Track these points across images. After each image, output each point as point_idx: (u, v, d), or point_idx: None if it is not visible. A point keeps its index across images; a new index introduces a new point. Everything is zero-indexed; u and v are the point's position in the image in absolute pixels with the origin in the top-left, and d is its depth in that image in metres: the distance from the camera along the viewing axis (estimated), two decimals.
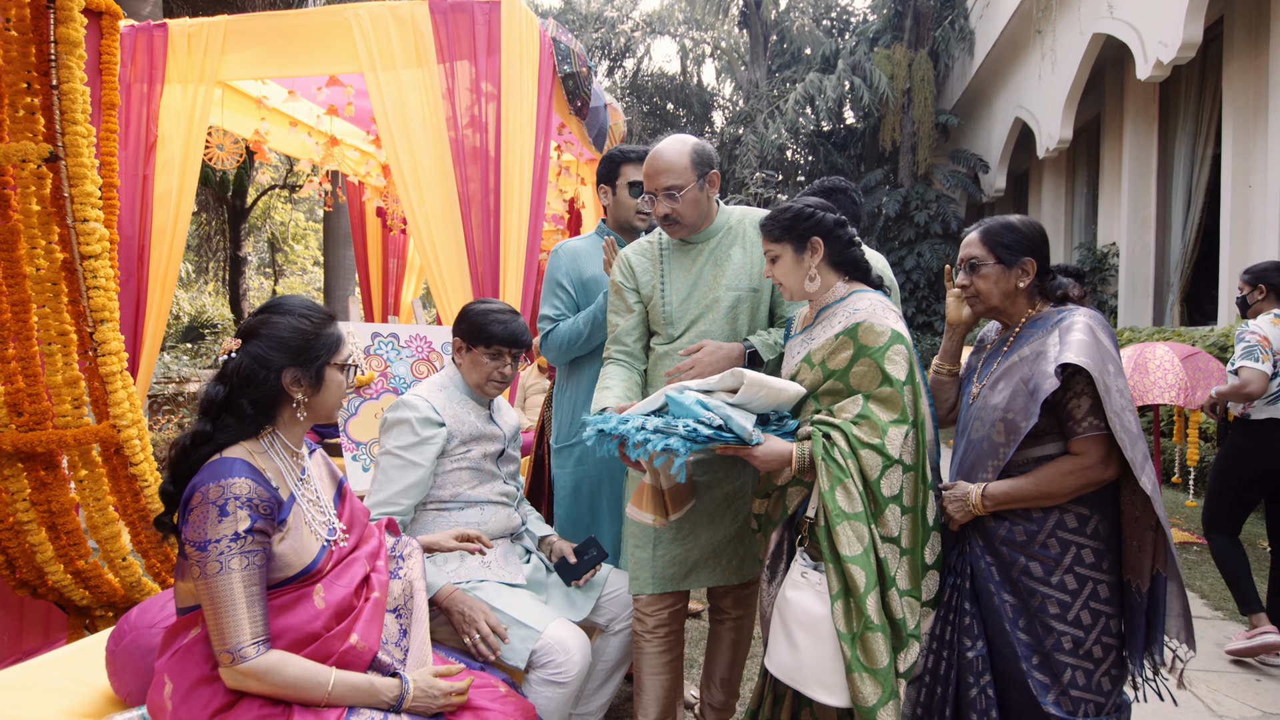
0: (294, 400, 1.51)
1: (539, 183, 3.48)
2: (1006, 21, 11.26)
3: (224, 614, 1.34)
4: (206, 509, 1.35)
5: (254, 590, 1.37)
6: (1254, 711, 2.75)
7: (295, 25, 3.54)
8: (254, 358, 1.46)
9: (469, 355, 2.17)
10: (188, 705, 1.38)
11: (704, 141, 2.12)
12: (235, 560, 1.35)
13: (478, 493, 2.14)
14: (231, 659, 1.35)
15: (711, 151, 2.13)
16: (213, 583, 1.34)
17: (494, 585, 2.04)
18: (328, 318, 1.56)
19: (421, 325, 3.45)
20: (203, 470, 1.40)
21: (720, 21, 19.50)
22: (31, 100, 2.21)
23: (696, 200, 2.09)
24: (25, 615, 2.63)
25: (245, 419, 1.46)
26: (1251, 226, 7.27)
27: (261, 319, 1.51)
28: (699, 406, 1.70)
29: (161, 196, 3.60)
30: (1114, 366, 1.66)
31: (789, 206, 1.91)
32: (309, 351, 1.50)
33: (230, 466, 1.40)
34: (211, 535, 1.34)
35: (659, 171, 2.06)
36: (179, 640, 1.44)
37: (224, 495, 1.36)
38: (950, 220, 13.32)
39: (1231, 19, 7.54)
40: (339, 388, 1.57)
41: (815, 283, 1.90)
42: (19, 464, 2.28)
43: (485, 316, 2.15)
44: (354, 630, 1.50)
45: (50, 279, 2.24)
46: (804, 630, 1.68)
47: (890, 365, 1.74)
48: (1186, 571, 4.31)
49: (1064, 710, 1.67)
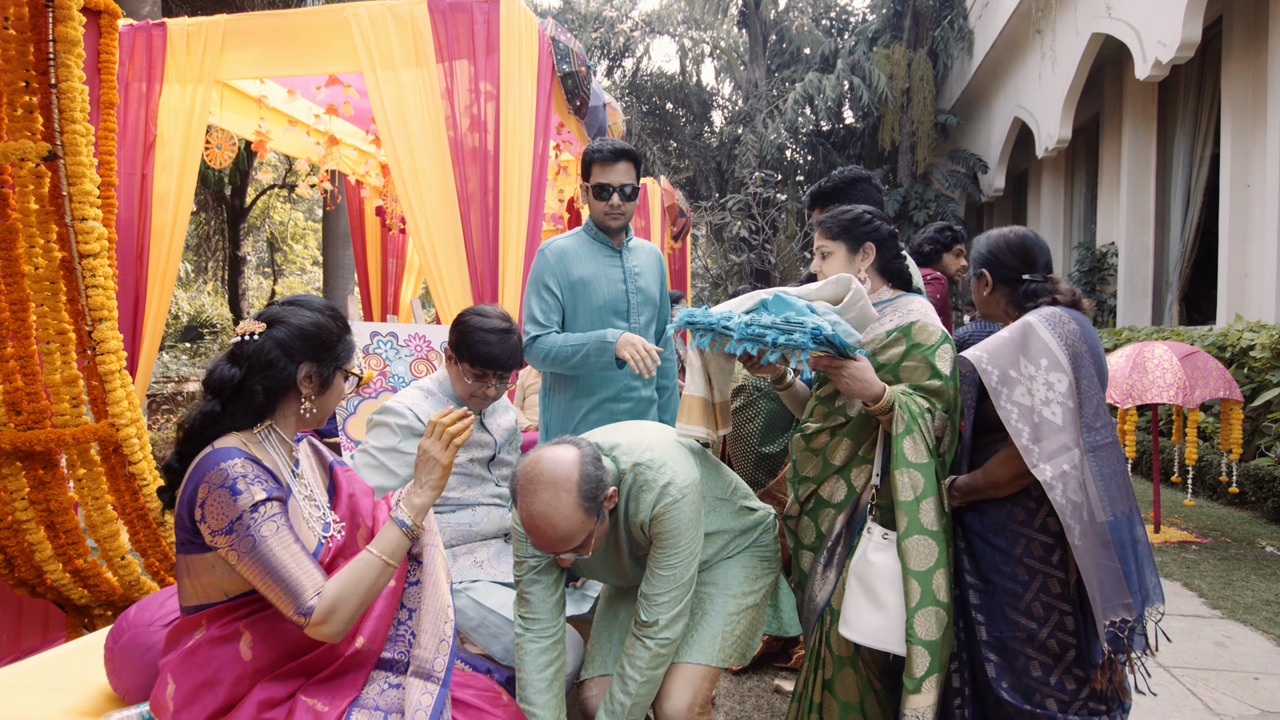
0: (301, 395, 1.51)
1: (538, 182, 3.48)
2: (1005, 21, 11.27)
3: (277, 583, 1.34)
4: (218, 495, 1.34)
5: (294, 549, 1.37)
6: (1253, 710, 2.76)
7: (294, 25, 3.54)
8: (277, 342, 1.45)
9: (456, 368, 2.12)
10: (189, 708, 1.38)
11: (579, 468, 1.62)
12: (264, 527, 1.35)
13: (468, 495, 2.14)
14: (305, 621, 1.35)
15: (593, 475, 1.63)
16: (253, 558, 1.34)
17: (486, 585, 2.04)
18: (347, 325, 1.59)
19: (420, 324, 3.45)
20: (197, 465, 1.39)
21: (719, 21, 19.50)
22: (30, 99, 2.21)
23: (603, 533, 1.72)
24: (24, 614, 2.63)
25: (254, 406, 1.45)
26: (1250, 226, 7.27)
27: (288, 309, 1.51)
28: (809, 311, 1.76)
29: (160, 196, 3.60)
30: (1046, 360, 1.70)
31: (851, 209, 2.02)
32: (329, 351, 1.52)
33: (225, 453, 1.39)
34: (232, 515, 1.34)
35: (555, 543, 1.61)
36: (184, 641, 1.43)
37: (228, 476, 1.35)
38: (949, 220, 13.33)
39: (1230, 19, 7.55)
40: (339, 394, 1.59)
41: (865, 285, 1.99)
42: (18, 463, 2.28)
43: (475, 334, 2.05)
44: (360, 633, 1.50)
45: (49, 278, 2.24)
46: (891, 588, 1.74)
47: (940, 361, 1.86)
48: (1185, 571, 4.31)
49: (1018, 698, 1.70)
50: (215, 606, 1.43)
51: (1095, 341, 1.77)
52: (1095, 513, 1.65)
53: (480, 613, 1.97)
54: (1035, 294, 1.85)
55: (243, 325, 1.48)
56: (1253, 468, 5.69)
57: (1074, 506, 1.63)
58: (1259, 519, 5.55)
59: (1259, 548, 4.78)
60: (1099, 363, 1.75)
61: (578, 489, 1.59)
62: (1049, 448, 1.66)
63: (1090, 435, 1.69)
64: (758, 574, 2.00)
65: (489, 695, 1.63)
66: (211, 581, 1.42)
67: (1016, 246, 1.89)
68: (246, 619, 1.43)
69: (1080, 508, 1.64)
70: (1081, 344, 1.73)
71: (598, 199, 2.45)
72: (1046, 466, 1.65)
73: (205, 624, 1.42)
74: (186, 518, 1.39)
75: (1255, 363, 5.76)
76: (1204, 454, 6.26)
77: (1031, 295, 1.85)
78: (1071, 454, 1.66)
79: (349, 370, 1.59)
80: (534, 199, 3.45)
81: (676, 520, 1.70)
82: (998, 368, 1.72)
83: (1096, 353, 1.75)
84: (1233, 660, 3.16)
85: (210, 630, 1.41)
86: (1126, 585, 1.64)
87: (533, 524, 1.59)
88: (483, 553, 2.12)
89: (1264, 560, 4.52)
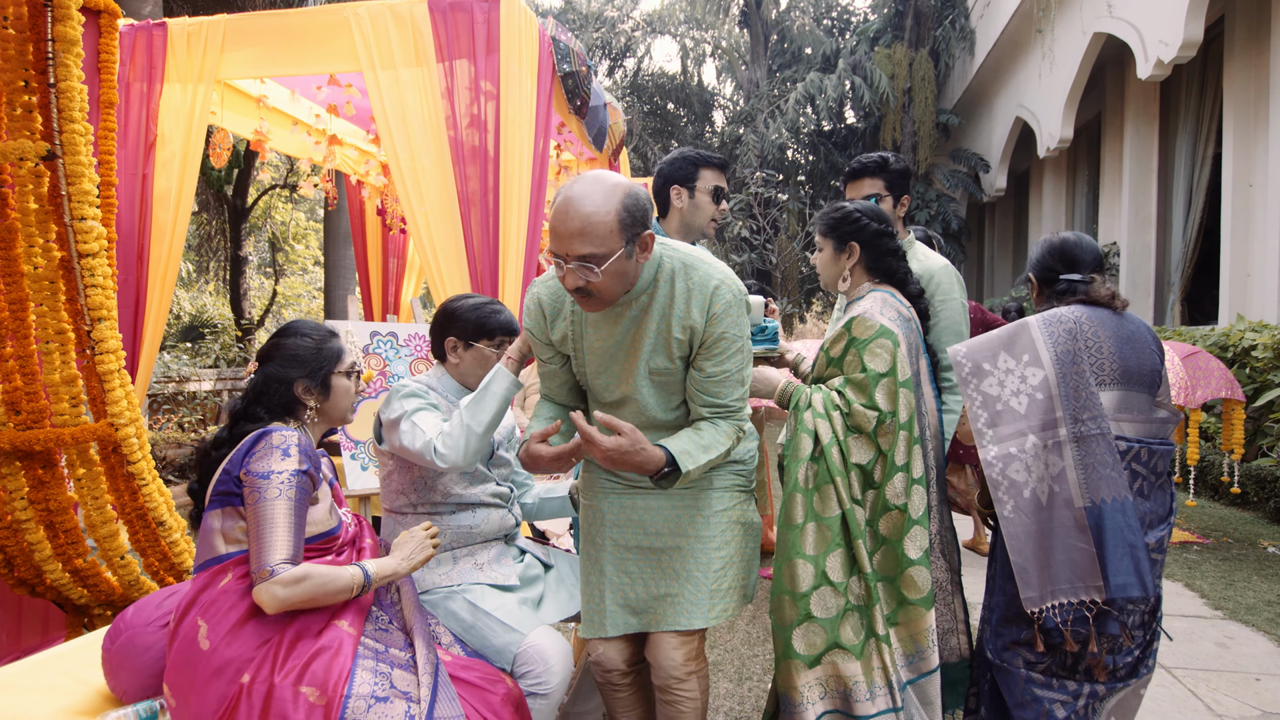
0: (307, 407, 1.76)
1: (538, 182, 3.47)
2: (1007, 21, 11.26)
3: (267, 534, 1.52)
4: (271, 449, 1.58)
5: (297, 521, 1.56)
6: (1254, 711, 2.75)
7: (294, 24, 3.54)
8: (268, 375, 1.73)
9: (469, 352, 2.14)
10: (229, 645, 1.48)
11: (636, 189, 1.62)
12: (291, 491, 1.56)
13: (470, 494, 2.13)
14: (269, 573, 1.50)
15: (645, 203, 1.62)
16: (267, 506, 1.54)
17: (483, 588, 2.04)
18: (329, 334, 1.82)
19: (420, 324, 3.46)
20: (258, 434, 1.62)
21: (721, 21, 19.50)
22: (29, 98, 2.21)
23: (621, 272, 1.62)
24: (23, 614, 2.63)
25: (260, 421, 1.70)
26: (1252, 226, 7.26)
27: (274, 343, 1.78)
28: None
29: (161, 196, 3.60)
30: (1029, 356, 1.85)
31: (841, 207, 2.13)
32: (314, 363, 1.76)
33: (280, 427, 1.64)
34: (275, 468, 1.56)
35: (573, 233, 1.56)
36: (206, 591, 1.55)
37: (286, 441, 1.60)
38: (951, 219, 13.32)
39: (1232, 18, 7.54)
40: (347, 392, 1.83)
41: (847, 283, 2.13)
42: (17, 462, 2.28)
43: (480, 311, 2.15)
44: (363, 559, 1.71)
45: (48, 277, 2.24)
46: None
47: (870, 357, 1.93)
48: (1186, 571, 4.31)
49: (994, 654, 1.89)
50: (242, 553, 1.58)
51: (1102, 339, 1.81)
52: (1073, 498, 1.76)
53: (474, 615, 1.97)
54: (1066, 293, 1.93)
55: (249, 367, 1.83)
56: (1255, 468, 5.68)
57: (1010, 484, 1.81)
58: (1261, 519, 5.54)
59: (1261, 548, 4.77)
60: (1102, 360, 1.79)
61: (623, 196, 1.58)
62: (1003, 433, 1.83)
63: (1076, 426, 1.77)
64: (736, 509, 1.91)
65: (490, 677, 1.71)
66: (242, 529, 1.58)
67: (1057, 249, 1.99)
68: None
69: (1019, 487, 1.80)
70: (1074, 342, 1.80)
71: (714, 202, 2.45)
72: (993, 447, 1.84)
73: (231, 570, 1.56)
74: (235, 469, 1.59)
75: (1257, 363, 5.75)
76: (1206, 454, 6.25)
77: (1062, 295, 1.94)
78: (1026, 439, 1.81)
79: (344, 370, 1.82)
80: (534, 199, 3.45)
81: (736, 318, 1.72)
82: (972, 361, 1.88)
83: (1099, 350, 1.80)
84: (1234, 661, 3.16)
85: (235, 577, 1.55)
86: (1101, 569, 1.72)
87: (565, 208, 1.57)
88: (483, 555, 2.12)
89: (1266, 561, 4.51)
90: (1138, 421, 1.82)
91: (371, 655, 1.57)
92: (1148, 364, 1.83)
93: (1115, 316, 1.85)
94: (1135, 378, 1.82)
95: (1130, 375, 1.80)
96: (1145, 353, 1.83)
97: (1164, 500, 1.85)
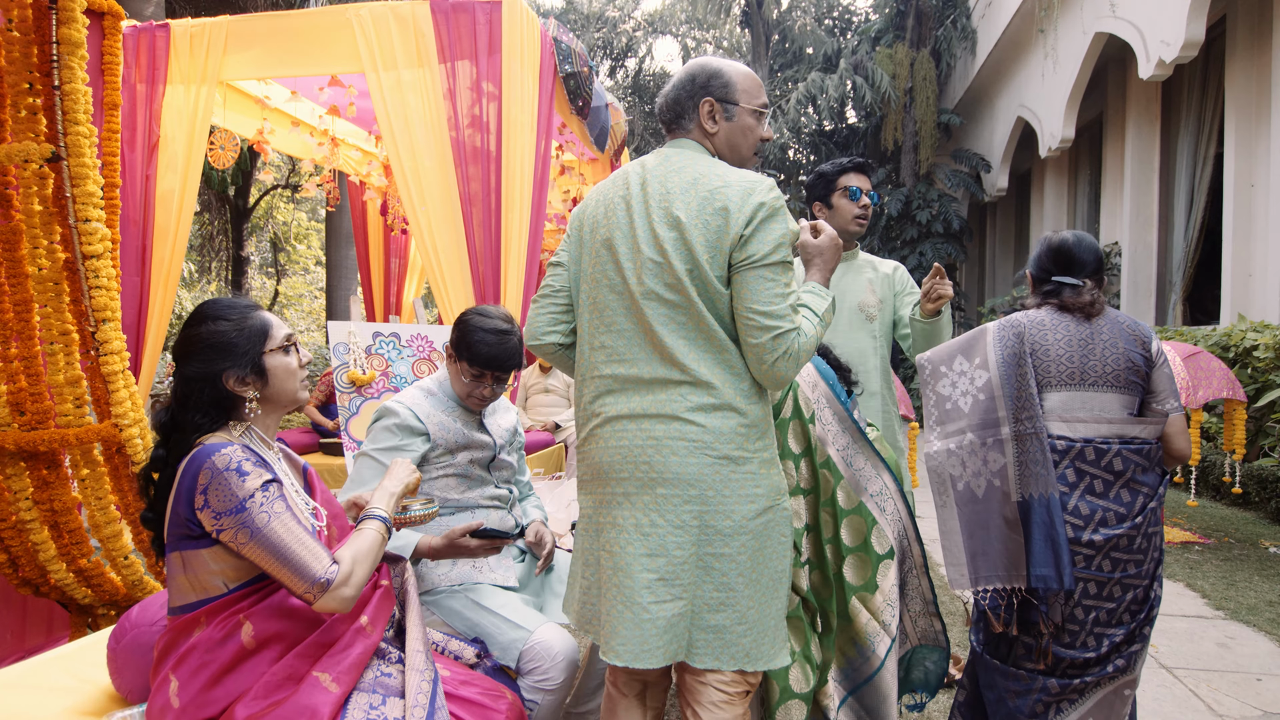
0: (245, 400, 1.50)
1: (540, 182, 3.48)
2: (1009, 21, 11.25)
3: (290, 558, 1.36)
4: (224, 477, 1.35)
5: (300, 528, 1.39)
6: (1254, 711, 2.75)
7: (297, 25, 3.55)
8: (188, 376, 1.46)
9: (454, 366, 2.12)
10: (199, 707, 1.37)
11: None
12: (276, 505, 1.37)
13: (467, 497, 2.13)
14: (323, 589, 1.36)
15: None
16: (266, 534, 1.35)
17: (486, 588, 2.04)
18: (248, 308, 1.53)
19: (423, 325, 3.46)
20: (192, 459, 1.38)
21: (722, 21, 19.49)
22: (34, 101, 2.21)
23: None
24: (28, 613, 2.64)
25: (200, 430, 1.46)
26: (1254, 226, 7.26)
27: (186, 335, 1.49)
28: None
29: (164, 196, 3.61)
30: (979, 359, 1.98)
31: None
32: (239, 348, 1.48)
33: (218, 445, 1.39)
34: (243, 495, 1.35)
35: None
36: (181, 643, 1.42)
37: (230, 460, 1.36)
38: (952, 219, 13.29)
39: (1234, 18, 7.53)
40: (289, 370, 1.54)
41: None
42: (21, 463, 2.29)
43: (474, 333, 2.06)
44: (364, 612, 1.52)
45: (52, 279, 2.25)
46: None
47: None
48: (1187, 572, 4.31)
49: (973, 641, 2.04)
50: (213, 602, 1.41)
51: (1051, 343, 1.91)
52: (1010, 492, 1.88)
53: (477, 613, 1.97)
54: (1050, 294, 2.00)
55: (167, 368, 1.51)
56: (1256, 468, 5.68)
57: (947, 477, 1.97)
58: (1262, 520, 5.54)
59: (1262, 548, 4.77)
60: (1049, 363, 1.90)
61: None
62: (949, 429, 1.99)
63: (1016, 425, 1.88)
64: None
65: (493, 693, 1.64)
66: (210, 574, 1.40)
67: (1055, 249, 2.04)
68: (247, 610, 1.42)
69: (954, 480, 1.96)
70: (1020, 345, 1.92)
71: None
72: (937, 443, 2.00)
73: (204, 621, 1.40)
74: (184, 510, 1.38)
75: (1259, 363, 5.75)
76: (1207, 454, 6.24)
77: (1047, 295, 2.01)
78: (965, 436, 1.95)
79: (278, 346, 1.53)
80: (536, 199, 3.45)
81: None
82: (932, 364, 2.04)
83: (1047, 353, 1.91)
84: (1235, 661, 3.16)
85: (209, 628, 1.40)
86: (1028, 560, 1.83)
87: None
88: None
89: (1267, 561, 4.51)
90: (1091, 421, 1.88)
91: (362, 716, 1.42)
92: (1114, 366, 1.88)
93: (1078, 321, 1.92)
94: (1094, 379, 1.89)
95: (1086, 376, 1.88)
96: (1112, 355, 1.89)
97: (1128, 500, 1.86)
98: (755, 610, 1.54)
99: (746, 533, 1.52)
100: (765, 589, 1.55)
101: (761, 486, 1.55)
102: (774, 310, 1.48)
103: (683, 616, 1.51)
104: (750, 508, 1.53)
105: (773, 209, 1.52)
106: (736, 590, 1.52)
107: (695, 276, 1.51)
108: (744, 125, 1.69)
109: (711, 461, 1.51)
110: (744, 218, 1.50)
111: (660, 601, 1.50)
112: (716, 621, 1.52)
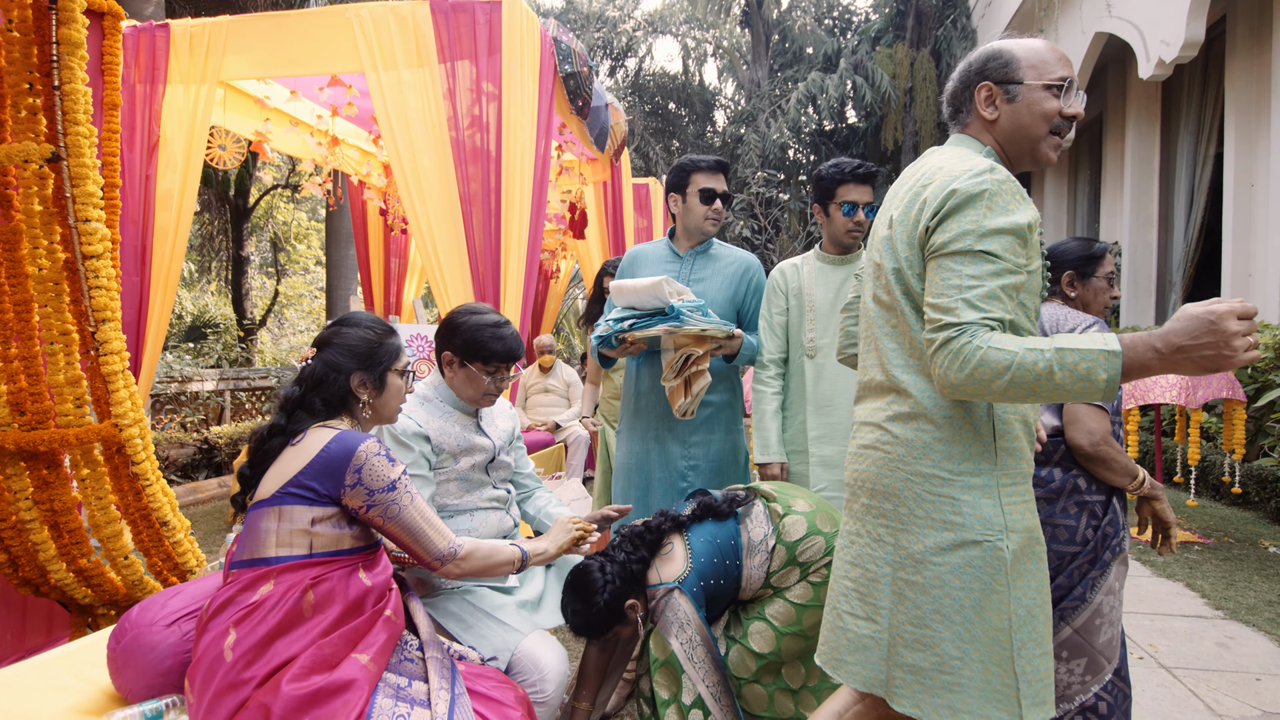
0: (360, 400, 1.72)
1: (540, 182, 3.48)
2: (1009, 20, 11.26)
3: (427, 532, 1.65)
4: (377, 459, 1.57)
5: (431, 509, 1.69)
6: (1255, 711, 2.75)
7: (296, 25, 3.55)
8: (326, 363, 1.69)
9: (463, 370, 2.10)
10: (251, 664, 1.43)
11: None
12: (413, 486, 1.64)
13: (465, 501, 2.13)
14: (452, 556, 1.69)
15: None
16: (410, 512, 1.62)
17: (483, 589, 2.05)
18: (389, 330, 1.77)
19: (423, 325, 3.46)
20: (338, 438, 1.57)
21: (722, 21, 19.49)
22: (33, 101, 2.21)
23: None
24: (28, 613, 2.64)
25: (316, 414, 1.67)
26: (1254, 225, 7.26)
27: (333, 330, 1.74)
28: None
29: (164, 196, 3.61)
30: None
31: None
32: (373, 357, 1.72)
33: (360, 435, 1.60)
34: (393, 476, 1.59)
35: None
36: (245, 596, 1.49)
37: (379, 447, 1.59)
38: None
39: (1234, 18, 7.53)
40: (399, 391, 1.78)
41: None
42: (21, 463, 2.29)
43: (482, 332, 2.07)
44: (388, 606, 1.65)
45: (52, 279, 2.25)
46: None
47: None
48: (1187, 571, 4.31)
49: None
50: (290, 561, 1.51)
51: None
52: None
53: (474, 615, 1.98)
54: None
55: (303, 353, 1.77)
56: (1256, 468, 5.68)
57: None
58: (1262, 519, 5.54)
59: (1262, 548, 4.77)
60: None
61: None
62: None
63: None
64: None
65: (503, 687, 1.69)
66: (302, 534, 1.52)
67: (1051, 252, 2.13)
68: (315, 580, 1.51)
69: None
70: None
71: (704, 203, 2.63)
72: None
73: (274, 580, 1.50)
74: (315, 479, 1.53)
75: (1258, 363, 5.75)
76: (1207, 454, 6.25)
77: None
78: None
79: (400, 369, 1.78)
80: (536, 199, 3.45)
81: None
82: None
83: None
84: (1235, 661, 3.16)
85: (278, 588, 1.49)
86: None
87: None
88: None
89: (1267, 561, 4.51)
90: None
91: (391, 694, 1.52)
92: None
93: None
94: None
95: None
96: None
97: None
98: (965, 665, 1.32)
99: (940, 565, 1.35)
100: (980, 644, 1.33)
101: (963, 515, 1.35)
102: (941, 303, 1.30)
103: (878, 643, 1.40)
104: (945, 536, 1.35)
105: (966, 195, 1.33)
106: (934, 630, 1.34)
107: (899, 277, 1.43)
108: (1032, 103, 1.46)
109: (905, 477, 1.39)
110: (934, 208, 1.37)
111: (854, 615, 1.45)
112: (913, 661, 1.36)
